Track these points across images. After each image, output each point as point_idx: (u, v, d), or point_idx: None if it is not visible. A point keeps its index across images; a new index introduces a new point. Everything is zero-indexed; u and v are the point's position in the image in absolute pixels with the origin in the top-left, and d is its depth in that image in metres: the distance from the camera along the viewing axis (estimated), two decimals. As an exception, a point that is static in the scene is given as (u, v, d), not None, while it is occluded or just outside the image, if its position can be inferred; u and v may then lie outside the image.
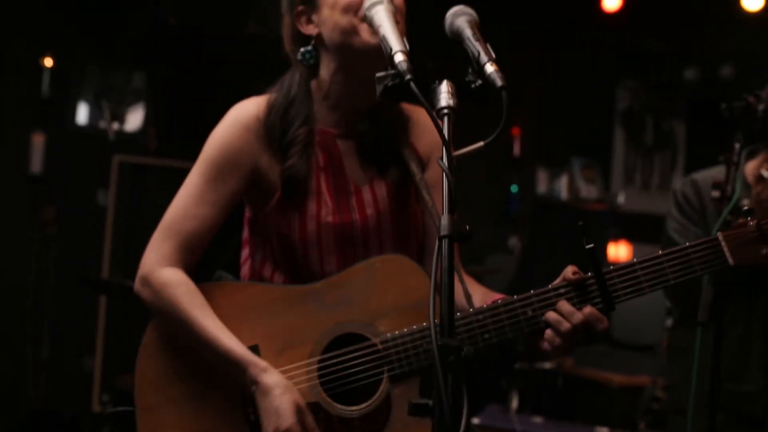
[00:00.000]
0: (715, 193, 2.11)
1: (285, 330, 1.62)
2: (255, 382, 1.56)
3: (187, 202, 1.67)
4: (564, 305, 1.50)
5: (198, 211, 1.66)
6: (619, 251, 6.65)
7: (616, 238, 6.67)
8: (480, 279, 5.91)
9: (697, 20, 6.09)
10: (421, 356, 1.56)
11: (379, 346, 1.59)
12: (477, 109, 1.44)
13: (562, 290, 1.52)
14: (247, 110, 1.71)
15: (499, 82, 1.39)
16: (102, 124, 5.37)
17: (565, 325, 1.48)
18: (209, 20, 5.16)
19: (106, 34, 5.27)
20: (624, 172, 7.32)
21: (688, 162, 7.31)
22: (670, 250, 1.48)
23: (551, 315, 1.50)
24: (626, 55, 6.88)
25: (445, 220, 1.24)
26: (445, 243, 1.22)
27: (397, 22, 1.52)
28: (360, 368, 1.60)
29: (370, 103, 1.70)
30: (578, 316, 1.48)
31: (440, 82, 1.41)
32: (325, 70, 1.71)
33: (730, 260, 1.46)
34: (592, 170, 7.07)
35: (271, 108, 1.70)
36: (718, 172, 2.51)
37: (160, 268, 1.63)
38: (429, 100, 1.38)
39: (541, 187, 6.76)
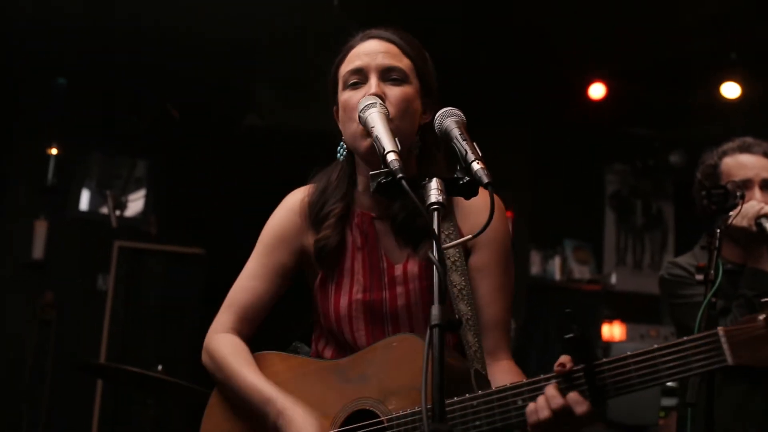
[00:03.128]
0: (699, 277, 2.19)
1: (312, 400, 1.73)
2: (281, 414, 1.68)
3: (243, 278, 1.87)
4: (550, 389, 1.45)
5: (250, 284, 1.85)
6: (613, 331, 6.66)
7: (610, 318, 6.70)
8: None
9: (681, 107, 6.32)
10: None
11: (386, 424, 1.64)
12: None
13: (552, 381, 1.47)
14: (294, 196, 1.90)
15: (485, 179, 1.47)
16: (104, 210, 5.48)
17: (545, 413, 1.43)
18: (210, 112, 5.35)
19: (111, 123, 5.45)
20: (616, 253, 7.42)
21: (678, 241, 7.42)
22: (665, 345, 1.37)
23: (530, 405, 1.45)
24: (614, 141, 7.09)
25: (435, 309, 1.29)
26: (435, 332, 1.27)
27: (390, 120, 1.63)
28: None
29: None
30: (558, 401, 1.42)
31: (430, 180, 1.50)
32: (355, 159, 1.84)
33: (730, 360, 1.31)
34: (584, 251, 7.17)
35: (315, 191, 1.86)
36: (690, 256, 2.64)
37: (217, 335, 1.84)
38: (419, 196, 1.47)
39: (535, 268, 6.83)
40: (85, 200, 5.51)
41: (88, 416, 5.20)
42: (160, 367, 3.67)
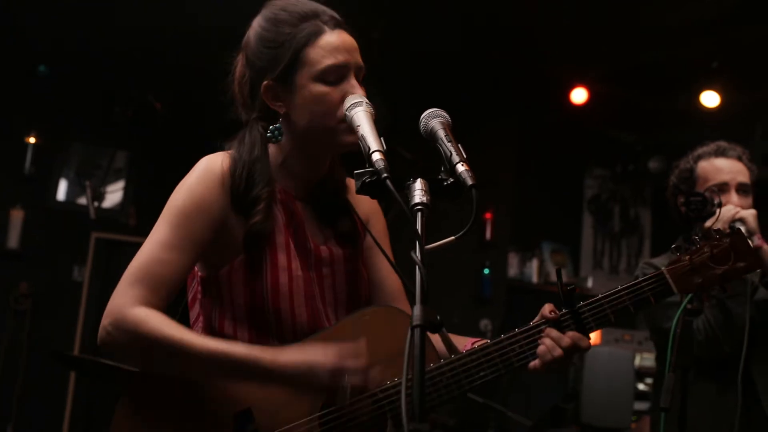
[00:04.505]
0: (674, 284, 2.22)
1: (279, 390, 1.59)
2: (273, 367, 1.54)
3: (155, 248, 1.61)
4: (552, 331, 1.64)
5: (166, 256, 1.61)
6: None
7: (585, 321, 6.74)
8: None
9: (661, 114, 6.39)
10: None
11: (379, 395, 1.60)
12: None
13: (543, 327, 1.67)
14: (217, 164, 1.70)
15: (469, 182, 1.48)
16: (82, 201, 5.42)
17: (557, 351, 1.62)
18: (194, 106, 5.31)
19: (92, 113, 5.40)
20: (593, 257, 7.48)
21: (654, 247, 7.50)
22: (627, 285, 1.69)
23: (541, 348, 1.64)
24: (595, 145, 7.15)
25: (417, 310, 1.29)
26: (417, 333, 1.26)
27: (374, 122, 1.63)
28: (362, 418, 1.60)
29: (320, 172, 1.80)
30: (566, 339, 1.63)
31: (414, 180, 1.50)
32: (285, 142, 1.75)
33: (675, 289, 1.70)
34: (561, 255, 7.22)
35: (235, 166, 1.69)
36: (665, 258, 2.68)
37: (132, 308, 1.56)
38: (403, 196, 1.47)
39: (512, 270, 6.87)
40: (62, 190, 5.45)
41: (61, 408, 5.16)
42: (135, 361, 3.65)
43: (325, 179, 1.81)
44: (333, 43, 1.68)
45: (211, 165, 1.70)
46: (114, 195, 5.54)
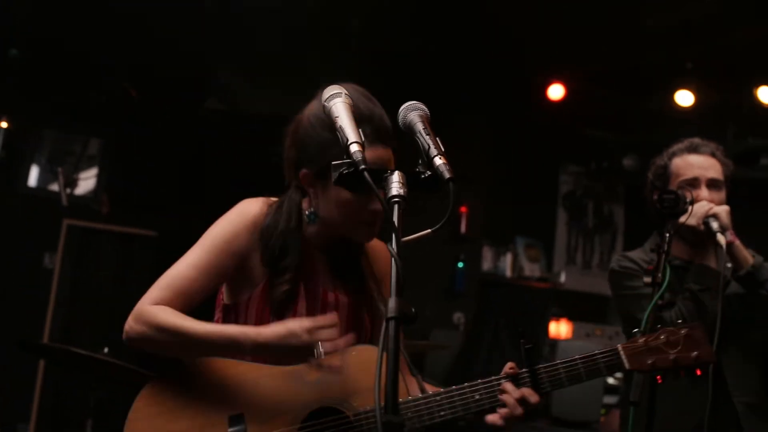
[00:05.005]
0: (647, 279, 2.25)
1: (270, 402, 1.80)
2: (256, 339, 1.74)
3: (185, 265, 1.87)
4: (508, 385, 1.82)
5: (192, 273, 1.86)
6: (560, 329, 6.78)
7: (557, 316, 6.81)
8: (425, 354, 5.93)
9: (636, 112, 6.45)
10: None
11: (351, 418, 1.77)
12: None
13: (502, 380, 1.83)
14: (252, 210, 1.94)
15: (447, 175, 1.49)
16: (53, 188, 5.36)
17: (518, 410, 1.80)
18: (170, 94, 5.27)
19: (66, 98, 5.33)
20: (566, 252, 7.54)
21: (627, 243, 7.57)
22: (583, 356, 1.85)
23: (506, 396, 1.81)
24: (570, 142, 7.19)
25: (392, 302, 1.31)
26: (391, 324, 1.29)
27: (356, 119, 1.62)
28: None
29: (339, 235, 1.98)
30: (518, 392, 1.81)
31: (392, 173, 1.51)
32: (319, 220, 1.94)
33: (627, 365, 1.86)
34: (535, 249, 7.27)
35: (270, 232, 1.91)
36: (641, 251, 2.72)
37: (152, 306, 1.81)
38: (381, 188, 1.48)
39: (486, 264, 6.90)
40: (34, 176, 5.37)
41: (29, 397, 5.10)
42: (106, 350, 3.61)
43: (343, 239, 1.99)
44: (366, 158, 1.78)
45: (248, 209, 1.94)
46: (87, 182, 5.48)
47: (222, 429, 1.78)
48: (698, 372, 2.53)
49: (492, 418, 1.81)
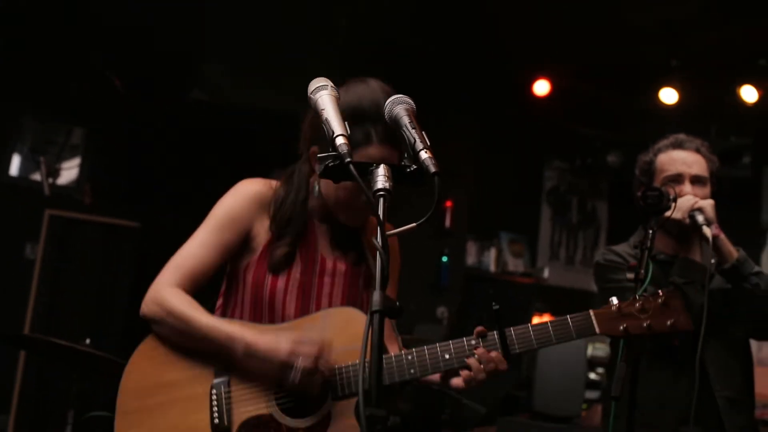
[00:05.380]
0: (630, 275, 2.26)
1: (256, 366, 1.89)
2: (250, 345, 1.86)
3: (192, 245, 2.00)
4: (480, 350, 1.88)
5: (199, 252, 1.99)
6: (543, 324, 6.81)
7: (540, 311, 6.85)
8: (408, 348, 5.91)
9: (621, 109, 6.48)
10: (353, 384, 1.87)
11: (328, 373, 1.86)
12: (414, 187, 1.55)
13: (473, 341, 1.90)
14: (254, 186, 2.06)
15: (432, 169, 1.49)
16: (35, 177, 5.30)
17: (481, 375, 1.87)
18: (155, 84, 5.23)
19: (48, 87, 5.27)
20: (550, 248, 7.58)
21: (610, 240, 7.62)
22: (555, 319, 1.88)
23: (473, 360, 1.87)
24: (555, 138, 7.22)
25: (377, 295, 1.32)
26: (375, 317, 1.30)
27: (342, 112, 1.61)
28: (315, 388, 1.87)
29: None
30: (486, 356, 1.88)
31: (377, 166, 1.51)
32: (321, 193, 2.03)
33: (597, 329, 1.88)
34: (519, 245, 7.30)
35: (281, 201, 2.03)
36: (626, 245, 2.74)
37: (166, 288, 1.94)
38: (366, 181, 1.48)
39: (471, 259, 6.93)
40: (16, 165, 5.32)
41: (9, 388, 5.06)
42: (88, 341, 3.59)
43: None
44: (372, 156, 1.86)
45: (250, 187, 2.06)
46: (69, 172, 5.43)
47: (208, 379, 1.92)
48: (675, 342, 2.58)
49: (456, 381, 1.89)
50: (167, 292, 1.94)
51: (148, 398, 1.92)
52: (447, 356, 1.87)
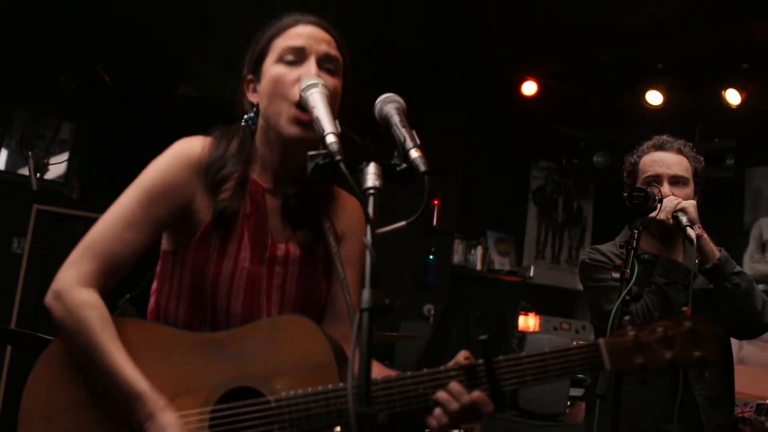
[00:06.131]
0: (616, 275, 2.29)
1: (181, 376, 1.61)
2: (151, 418, 1.56)
3: (114, 224, 1.67)
4: (455, 386, 1.51)
5: (124, 233, 1.67)
6: (528, 322, 6.87)
7: (525, 309, 6.90)
8: (395, 345, 5.95)
9: (607, 110, 6.54)
10: (314, 420, 1.54)
11: (273, 404, 1.57)
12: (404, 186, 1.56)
13: (453, 373, 1.53)
14: (192, 146, 1.74)
15: (422, 168, 1.48)
16: (23, 172, 5.28)
17: (454, 405, 1.50)
18: (144, 80, 5.22)
19: (37, 82, 5.25)
20: (536, 247, 7.63)
21: (595, 239, 7.68)
22: (555, 349, 1.52)
23: (441, 395, 1.51)
24: (542, 138, 7.28)
25: (366, 294, 1.28)
26: (365, 316, 1.25)
27: (330, 105, 1.62)
28: (251, 423, 1.58)
29: (295, 170, 1.78)
30: (467, 398, 1.50)
31: (368, 164, 1.50)
32: (259, 133, 1.80)
33: (608, 365, 1.50)
34: (505, 243, 7.35)
35: (213, 150, 1.74)
36: (612, 245, 2.77)
37: (78, 287, 1.63)
38: (356, 179, 1.46)
39: (457, 257, 6.96)
40: (3, 159, 5.29)
41: (-5, 382, 5.04)
42: (75, 336, 3.59)
43: (305, 179, 1.76)
44: (298, 31, 1.76)
45: (185, 148, 1.74)
46: (57, 167, 5.41)
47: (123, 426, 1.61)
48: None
49: (432, 422, 1.53)
50: (81, 296, 1.63)
51: (55, 422, 1.61)
52: (421, 390, 1.52)
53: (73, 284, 1.63)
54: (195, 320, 1.72)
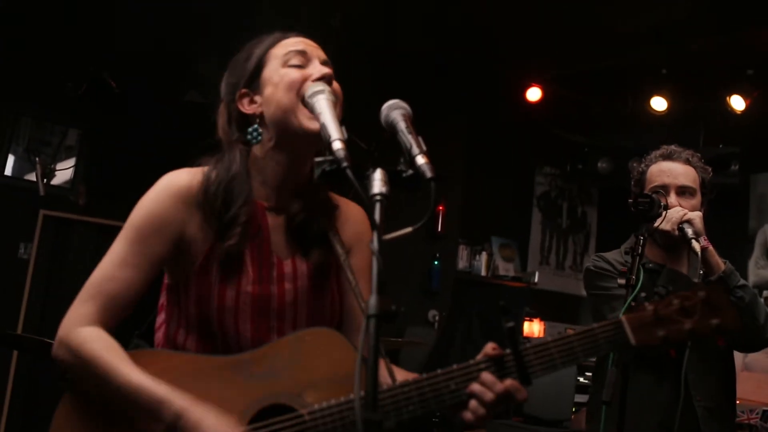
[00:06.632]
0: (621, 281, 2.30)
1: (210, 400, 1.57)
2: (181, 416, 1.53)
3: (109, 265, 1.68)
4: (487, 376, 1.54)
5: (119, 273, 1.66)
6: (533, 327, 6.87)
7: (530, 315, 6.89)
8: (399, 350, 5.95)
9: (611, 116, 6.54)
10: (348, 428, 1.54)
11: (306, 417, 1.55)
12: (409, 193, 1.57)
13: (482, 365, 1.56)
14: (178, 179, 1.73)
15: (428, 174, 1.48)
16: (30, 177, 5.31)
17: (489, 395, 1.52)
18: (150, 85, 5.23)
19: (44, 88, 5.28)
20: (540, 253, 7.63)
21: (599, 245, 7.68)
22: (579, 331, 1.57)
23: (475, 386, 1.54)
24: (546, 144, 7.28)
25: (373, 300, 1.28)
26: (372, 322, 1.26)
27: (335, 111, 1.63)
28: None
29: (301, 181, 1.78)
30: (500, 386, 1.53)
31: (374, 170, 1.49)
32: (262, 146, 1.76)
33: (633, 340, 1.55)
34: (510, 249, 7.34)
35: (211, 181, 1.71)
36: (617, 253, 2.77)
37: (78, 327, 1.62)
38: (363, 186, 1.47)
39: (462, 263, 6.96)
40: (10, 165, 5.32)
41: (2, 388, 5.06)
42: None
43: (306, 192, 1.78)
44: (293, 39, 1.81)
45: (172, 181, 1.73)
46: (64, 173, 5.44)
47: None
48: (720, 342, 2.50)
49: (468, 415, 1.54)
50: (82, 333, 1.61)
51: None
52: (453, 386, 1.54)
53: (74, 327, 1.63)
54: (207, 349, 1.70)
